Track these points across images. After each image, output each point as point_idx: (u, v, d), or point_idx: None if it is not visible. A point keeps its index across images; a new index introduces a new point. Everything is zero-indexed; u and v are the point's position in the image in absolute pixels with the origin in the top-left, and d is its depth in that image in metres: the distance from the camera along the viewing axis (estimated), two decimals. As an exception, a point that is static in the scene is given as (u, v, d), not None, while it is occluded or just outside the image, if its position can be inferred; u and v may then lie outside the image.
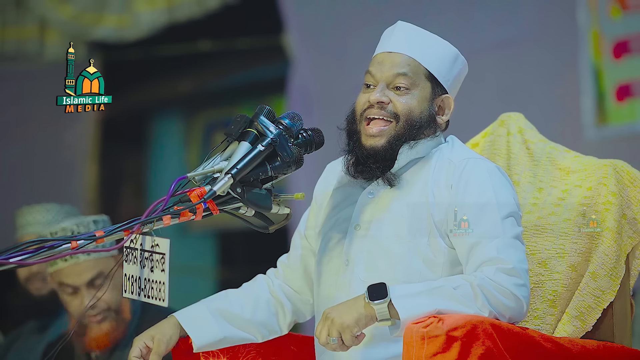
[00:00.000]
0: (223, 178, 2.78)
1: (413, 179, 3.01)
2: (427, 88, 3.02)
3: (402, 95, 3.00)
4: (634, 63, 5.52)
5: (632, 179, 3.23)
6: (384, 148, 2.98)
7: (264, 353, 3.13)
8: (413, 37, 3.03)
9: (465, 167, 2.97)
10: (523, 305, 2.81)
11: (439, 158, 3.02)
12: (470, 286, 2.76)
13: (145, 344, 2.99)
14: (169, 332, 3.02)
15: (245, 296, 3.13)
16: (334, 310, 2.77)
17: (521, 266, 2.84)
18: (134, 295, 2.85)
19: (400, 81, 2.99)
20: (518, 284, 2.81)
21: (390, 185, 3.00)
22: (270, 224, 2.95)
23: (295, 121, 2.92)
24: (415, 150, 3.01)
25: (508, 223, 2.90)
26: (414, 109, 3.00)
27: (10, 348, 4.52)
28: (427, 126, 3.02)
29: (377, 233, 2.99)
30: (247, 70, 7.52)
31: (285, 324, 3.17)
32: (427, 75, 3.01)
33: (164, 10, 7.07)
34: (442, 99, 3.05)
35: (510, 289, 2.79)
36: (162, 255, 2.79)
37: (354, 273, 2.98)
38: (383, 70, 3.01)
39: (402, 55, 3.01)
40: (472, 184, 2.95)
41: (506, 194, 2.95)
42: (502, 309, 2.78)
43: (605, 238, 3.16)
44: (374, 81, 3.02)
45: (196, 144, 7.74)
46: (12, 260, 2.59)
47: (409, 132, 2.99)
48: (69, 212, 4.57)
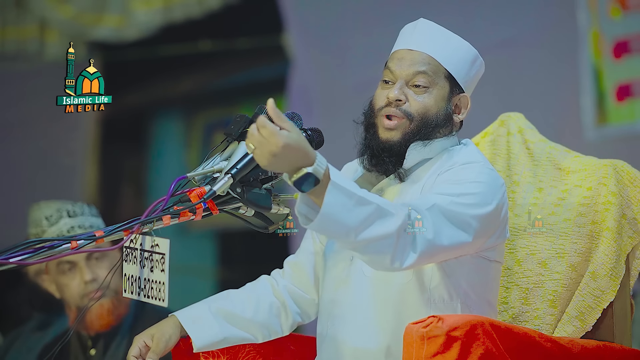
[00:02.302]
0: (223, 178, 2.78)
1: (421, 177, 3.01)
2: (446, 87, 3.02)
3: (419, 93, 2.99)
4: (634, 63, 5.53)
5: (632, 179, 3.23)
6: (399, 143, 2.98)
7: (264, 353, 3.13)
8: (434, 36, 3.03)
9: (462, 164, 2.97)
10: (413, 260, 2.71)
11: (448, 159, 3.02)
12: (397, 217, 2.68)
13: (144, 342, 2.99)
14: (168, 331, 3.02)
15: (247, 297, 3.13)
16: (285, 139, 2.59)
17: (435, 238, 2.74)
18: (133, 295, 2.85)
19: (419, 79, 2.99)
20: (422, 241, 2.72)
21: (401, 180, 3.00)
22: (270, 224, 2.95)
23: (295, 121, 2.92)
24: (429, 149, 3.01)
25: (459, 200, 2.83)
26: (430, 108, 3.00)
27: (10, 347, 4.52)
28: (443, 125, 3.02)
29: None
30: (247, 70, 7.52)
31: (287, 326, 3.16)
32: (446, 75, 3.01)
33: (163, 10, 7.08)
34: (460, 97, 3.05)
35: (417, 239, 2.71)
36: (162, 255, 2.79)
37: (358, 268, 2.98)
38: (402, 67, 3.00)
39: (422, 54, 3.01)
40: (454, 170, 2.93)
41: (481, 190, 2.88)
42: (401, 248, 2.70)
43: (605, 238, 3.16)
44: (392, 77, 3.02)
45: (196, 144, 7.74)
46: (12, 260, 2.59)
47: (424, 131, 2.99)
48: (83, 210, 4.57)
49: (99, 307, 3.89)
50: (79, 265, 3.90)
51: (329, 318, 3.01)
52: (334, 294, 3.00)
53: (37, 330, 4.48)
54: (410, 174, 3.02)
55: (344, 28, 6.46)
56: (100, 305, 3.89)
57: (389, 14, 5.99)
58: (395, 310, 2.90)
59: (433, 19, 3.08)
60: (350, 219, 2.64)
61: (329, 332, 3.00)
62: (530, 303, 3.19)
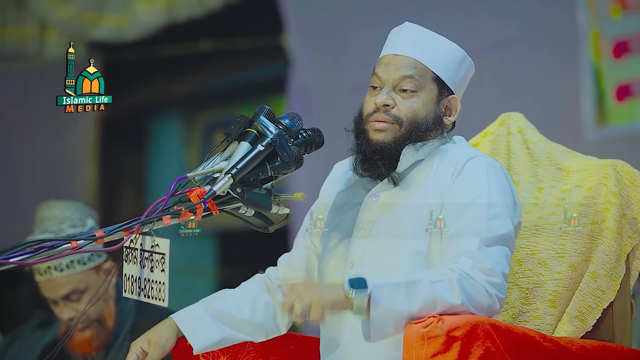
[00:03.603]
0: (223, 178, 2.78)
1: (415, 180, 3.01)
2: (434, 90, 3.01)
3: (407, 98, 2.99)
4: (634, 63, 5.53)
5: (632, 179, 3.23)
6: (389, 145, 2.98)
7: (263, 353, 3.13)
8: (420, 40, 3.03)
9: (466, 164, 2.97)
10: (497, 305, 2.78)
11: (442, 158, 3.02)
12: (449, 282, 2.74)
13: (141, 348, 2.99)
14: (165, 335, 3.01)
15: (243, 297, 3.13)
16: (312, 285, 2.73)
17: (499, 268, 2.80)
18: (134, 295, 2.85)
19: (406, 84, 2.99)
20: (493, 283, 2.78)
21: (395, 184, 3.00)
22: (270, 224, 2.95)
23: (295, 121, 2.92)
24: (422, 152, 3.01)
25: (494, 223, 2.88)
26: (418, 112, 2.99)
27: (10, 347, 4.52)
28: (433, 128, 3.01)
29: (381, 235, 2.99)
30: (247, 70, 7.52)
31: (284, 325, 3.16)
32: (434, 77, 3.01)
33: (163, 10, 7.08)
34: (449, 100, 3.04)
35: (485, 287, 2.76)
36: (162, 255, 2.79)
37: (359, 275, 2.98)
38: (389, 73, 3.00)
39: (409, 58, 3.00)
40: (467, 180, 2.94)
41: (500, 195, 2.93)
42: (476, 307, 2.75)
43: (605, 238, 3.16)
44: (380, 83, 3.02)
45: (196, 144, 7.74)
46: (12, 260, 2.59)
47: (414, 135, 2.99)
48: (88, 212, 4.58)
49: (80, 335, 3.95)
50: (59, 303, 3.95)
51: (335, 323, 3.00)
52: None
53: (37, 329, 4.48)
54: (404, 178, 3.02)
55: (344, 28, 6.46)
56: (82, 334, 3.95)
57: (389, 14, 5.99)
58: None
59: (433, 19, 3.08)
60: (410, 307, 2.69)
61: (337, 337, 3.00)
62: (530, 303, 3.19)
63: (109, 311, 4.00)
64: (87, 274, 3.93)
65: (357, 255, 3.00)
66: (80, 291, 3.91)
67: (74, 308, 3.93)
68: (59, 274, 3.90)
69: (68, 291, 3.92)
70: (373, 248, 2.98)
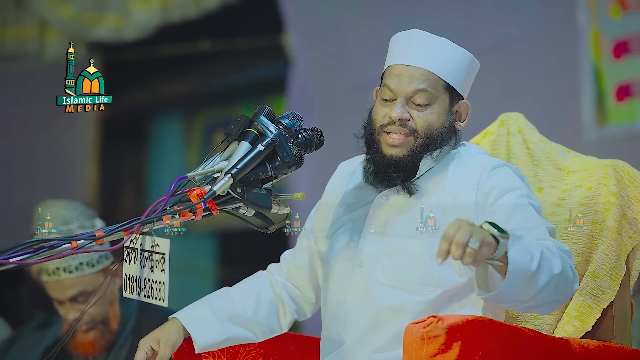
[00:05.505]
0: (223, 178, 2.78)
1: (428, 184, 3.00)
2: (446, 99, 3.01)
3: (422, 110, 2.98)
4: (634, 63, 5.53)
5: (632, 179, 3.23)
6: (405, 159, 2.97)
7: (264, 353, 3.13)
8: (430, 49, 3.00)
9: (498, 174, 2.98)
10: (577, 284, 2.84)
11: (458, 162, 3.02)
12: (550, 251, 2.76)
13: (151, 346, 2.98)
14: (174, 336, 3.00)
15: (247, 294, 3.13)
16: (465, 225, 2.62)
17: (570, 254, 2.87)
18: (134, 295, 2.85)
19: (420, 97, 2.97)
20: (572, 265, 2.83)
21: (410, 194, 2.99)
22: (270, 224, 2.95)
23: (295, 121, 2.92)
24: (437, 160, 3.01)
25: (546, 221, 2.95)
26: (434, 124, 2.99)
27: (12, 346, 4.52)
28: (448, 137, 3.01)
29: (394, 235, 2.98)
30: (247, 70, 7.52)
31: (286, 323, 3.16)
32: (445, 86, 3.00)
33: (163, 11, 7.07)
34: (460, 104, 3.04)
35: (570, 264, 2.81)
36: (162, 255, 2.79)
37: (371, 275, 2.97)
38: (402, 85, 2.98)
39: (420, 69, 2.98)
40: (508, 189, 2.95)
41: (533, 203, 2.97)
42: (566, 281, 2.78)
43: (605, 238, 3.15)
44: (392, 95, 2.99)
45: (196, 144, 7.74)
46: (12, 260, 2.59)
47: (430, 146, 2.99)
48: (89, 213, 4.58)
49: (84, 337, 3.96)
50: (65, 304, 3.95)
51: (338, 322, 3.00)
52: (342, 301, 3.00)
53: (38, 329, 4.49)
54: (416, 184, 3.01)
55: (344, 28, 6.46)
56: (86, 335, 3.95)
57: (389, 14, 5.99)
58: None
59: (433, 20, 3.08)
60: (531, 264, 2.68)
61: (339, 337, 3.00)
62: (530, 303, 3.18)
63: (114, 313, 4.01)
64: (95, 277, 3.94)
65: (368, 255, 3.00)
66: (87, 293, 3.92)
67: (80, 310, 3.94)
68: (68, 276, 3.91)
69: (75, 293, 3.93)
70: (386, 248, 2.98)
